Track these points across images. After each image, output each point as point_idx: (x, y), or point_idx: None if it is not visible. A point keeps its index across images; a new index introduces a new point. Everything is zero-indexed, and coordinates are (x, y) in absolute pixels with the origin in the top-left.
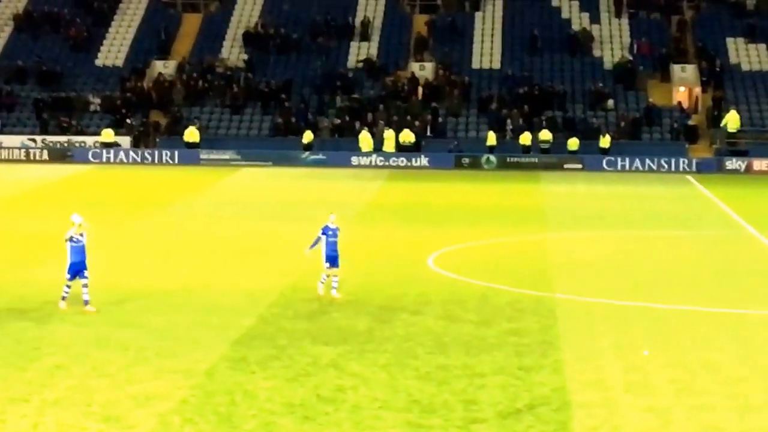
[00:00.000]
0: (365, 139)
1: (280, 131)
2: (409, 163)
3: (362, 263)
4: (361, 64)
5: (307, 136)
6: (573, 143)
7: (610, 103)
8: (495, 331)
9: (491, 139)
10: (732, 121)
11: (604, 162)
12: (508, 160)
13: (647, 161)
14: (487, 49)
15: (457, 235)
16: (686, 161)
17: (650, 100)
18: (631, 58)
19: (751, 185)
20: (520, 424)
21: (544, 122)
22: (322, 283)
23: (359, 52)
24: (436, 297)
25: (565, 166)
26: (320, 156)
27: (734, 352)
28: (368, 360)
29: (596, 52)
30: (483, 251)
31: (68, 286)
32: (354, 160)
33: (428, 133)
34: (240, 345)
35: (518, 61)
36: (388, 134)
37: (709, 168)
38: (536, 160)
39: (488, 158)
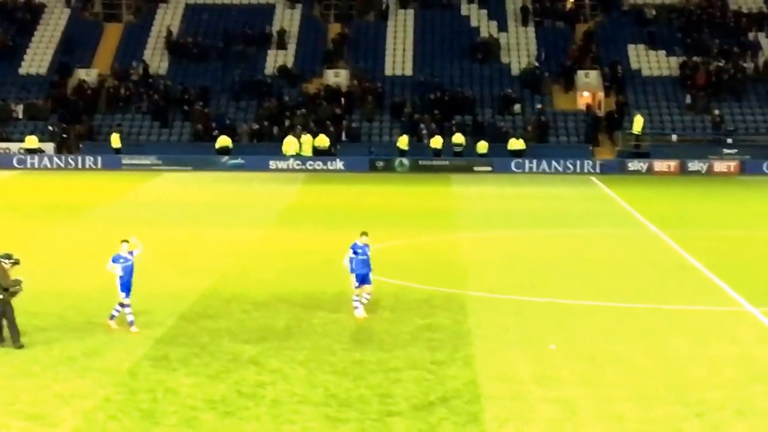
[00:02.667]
0: (291, 143)
1: (200, 137)
2: (325, 167)
3: (281, 263)
4: (277, 72)
5: (222, 141)
6: (482, 146)
7: (518, 107)
8: (409, 328)
9: (402, 143)
10: (637, 123)
11: (513, 164)
12: (420, 163)
13: (553, 163)
14: (399, 57)
15: (372, 236)
16: (591, 163)
17: (555, 104)
18: (537, 64)
19: (653, 185)
20: (434, 417)
21: (454, 127)
22: (358, 306)
23: (276, 59)
24: (352, 295)
25: (475, 168)
26: (239, 160)
27: (638, 344)
28: (287, 356)
29: (504, 59)
30: (397, 251)
31: (127, 305)
32: (272, 164)
33: (343, 138)
34: (162, 344)
35: (429, 67)
36: (306, 139)
37: (612, 169)
38: (447, 162)
39: (401, 161)
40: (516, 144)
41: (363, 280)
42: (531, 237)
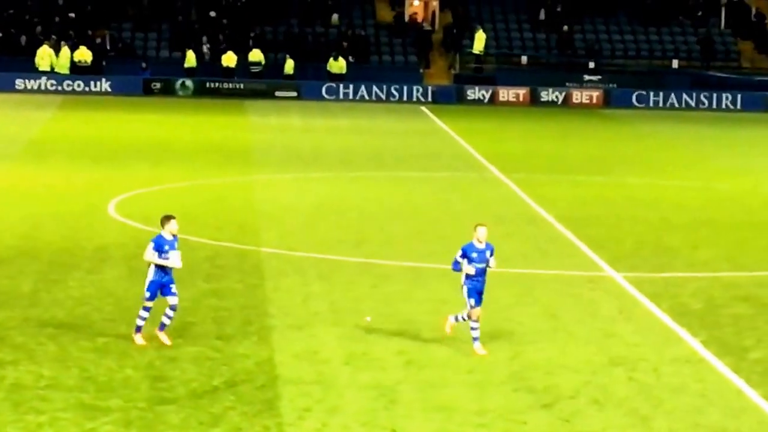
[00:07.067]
0: (44, 56)
1: None
2: (87, 88)
3: (28, 209)
4: None
5: None
6: (288, 66)
7: (335, 18)
8: (189, 293)
9: (190, 59)
10: (478, 41)
11: (324, 90)
12: (207, 85)
13: (374, 89)
14: None
15: (145, 176)
16: (421, 89)
17: (378, 15)
18: None
19: (496, 118)
20: (218, 405)
21: (251, 40)
22: (463, 319)
23: None
24: (119, 251)
25: (277, 93)
26: None
27: None
28: (33, 329)
29: None
30: (175, 196)
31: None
32: (19, 83)
33: (110, 52)
34: None
35: None
36: (63, 52)
37: (447, 98)
38: (241, 85)
39: (184, 83)
40: (336, 66)
41: (478, 299)
42: (343, 180)
